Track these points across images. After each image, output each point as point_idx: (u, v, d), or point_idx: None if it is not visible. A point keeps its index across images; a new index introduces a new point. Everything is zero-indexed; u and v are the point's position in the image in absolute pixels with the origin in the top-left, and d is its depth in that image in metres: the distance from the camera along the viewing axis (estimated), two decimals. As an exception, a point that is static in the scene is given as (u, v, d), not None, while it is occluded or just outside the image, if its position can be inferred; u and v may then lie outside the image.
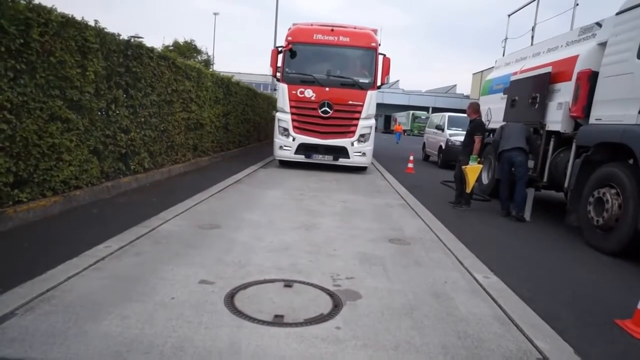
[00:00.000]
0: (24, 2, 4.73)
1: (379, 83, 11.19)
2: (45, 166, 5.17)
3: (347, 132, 11.02)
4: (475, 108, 7.93)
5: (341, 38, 11.01)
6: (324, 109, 10.83)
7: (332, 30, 11.08)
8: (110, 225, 4.92)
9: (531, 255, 5.25)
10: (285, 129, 11.03)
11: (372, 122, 11.24)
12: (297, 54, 11.05)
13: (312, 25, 11.65)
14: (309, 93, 10.87)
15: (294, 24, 12.02)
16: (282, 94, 11.06)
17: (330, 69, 11.20)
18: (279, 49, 11.09)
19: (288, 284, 3.62)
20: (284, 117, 11.07)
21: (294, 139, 11.00)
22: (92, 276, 3.52)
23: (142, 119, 7.59)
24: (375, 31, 11.90)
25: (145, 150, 7.78)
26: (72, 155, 5.63)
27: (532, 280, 4.29)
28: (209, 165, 10.84)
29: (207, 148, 11.23)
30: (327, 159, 11.07)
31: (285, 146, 11.08)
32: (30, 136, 4.87)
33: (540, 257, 5.23)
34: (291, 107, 10.97)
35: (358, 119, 10.98)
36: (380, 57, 11.02)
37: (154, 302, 3.12)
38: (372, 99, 11.00)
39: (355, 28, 11.63)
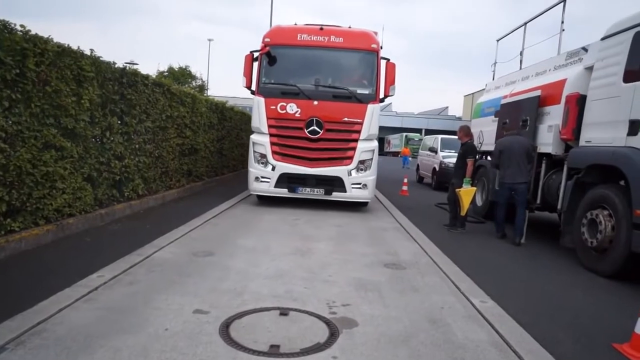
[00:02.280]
0: (21, 33, 4.79)
1: (381, 95, 8.86)
2: (38, 194, 5.15)
3: (343, 158, 8.63)
4: (466, 131, 8.03)
5: (333, 39, 8.73)
6: (312, 128, 8.51)
7: (321, 29, 8.79)
8: (103, 253, 4.87)
9: (527, 278, 5.25)
10: (263, 155, 8.64)
11: (375, 144, 8.83)
12: (277, 59, 8.73)
13: (295, 25, 9.40)
14: (292, 108, 8.56)
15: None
16: (258, 110, 8.66)
17: (319, 78, 8.84)
18: (254, 54, 8.81)
19: (284, 312, 3.59)
20: (260, 140, 8.68)
21: (273, 168, 8.60)
22: (84, 307, 3.47)
23: (137, 146, 7.61)
24: (375, 33, 9.51)
25: (140, 177, 7.77)
26: (66, 183, 5.62)
27: (529, 304, 4.28)
28: (203, 190, 10.81)
29: (202, 173, 11.23)
30: (317, 193, 8.62)
31: (262, 177, 8.65)
32: (24, 165, 4.87)
33: (536, 279, 5.23)
34: (270, 126, 8.62)
35: (356, 140, 8.62)
36: (383, 63, 8.80)
37: (147, 333, 3.07)
38: (373, 114, 8.64)
39: (350, 28, 9.44)
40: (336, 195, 8.69)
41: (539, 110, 7.45)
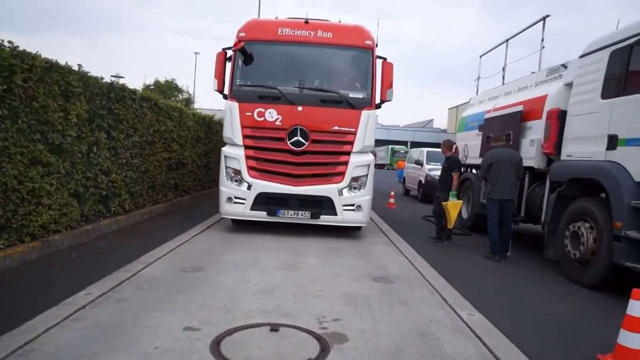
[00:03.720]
0: (9, 50, 4.78)
1: (377, 99, 7.53)
2: (24, 211, 5.09)
3: (332, 175, 7.29)
4: (449, 145, 8.18)
5: (320, 34, 7.40)
6: (295, 139, 7.15)
7: (307, 22, 7.49)
8: (90, 270, 4.82)
9: (513, 290, 5.34)
10: (237, 172, 7.24)
11: (370, 158, 7.52)
12: (255, 57, 7.42)
13: (276, 18, 8.06)
14: (272, 115, 7.19)
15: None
16: (230, 118, 7.30)
17: (304, 79, 7.49)
18: (227, 52, 7.50)
19: (274, 327, 3.59)
20: (233, 153, 7.27)
21: (249, 187, 7.20)
22: (72, 326, 3.43)
23: (124, 160, 7.58)
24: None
25: (126, 192, 7.72)
26: (52, 199, 5.56)
27: (515, 316, 4.35)
28: (190, 204, 10.75)
29: (189, 187, 11.18)
30: (302, 217, 7.24)
31: (236, 198, 7.24)
32: (10, 181, 4.82)
33: (522, 292, 5.32)
34: (245, 137, 7.25)
35: (349, 153, 7.30)
36: (379, 63, 7.55)
37: (137, 352, 3.05)
38: (369, 122, 7.34)
39: (340, 22, 8.16)
40: (325, 219, 7.31)
41: (521, 125, 7.64)
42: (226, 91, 7.49)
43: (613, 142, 5.32)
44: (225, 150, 7.42)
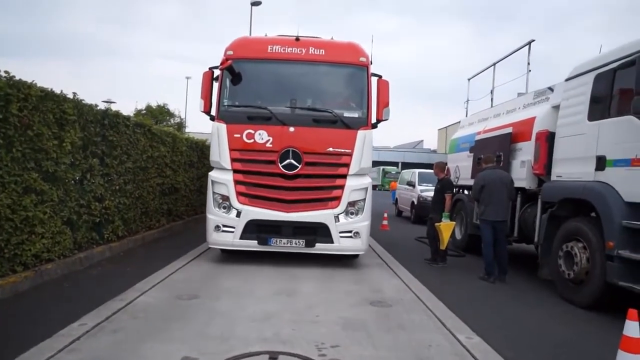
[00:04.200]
0: (5, 79, 4.82)
1: (374, 119, 7.21)
2: (17, 240, 5.04)
3: (328, 200, 6.88)
4: (442, 167, 8.31)
5: (313, 51, 7.12)
6: (287, 161, 6.77)
7: (298, 40, 7.17)
8: (84, 300, 4.75)
9: (509, 311, 5.35)
10: (225, 198, 6.82)
11: (368, 181, 7.13)
12: (243, 76, 7.09)
13: (266, 36, 7.76)
14: (262, 136, 6.81)
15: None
16: (218, 140, 6.91)
17: (295, 99, 7.16)
18: (215, 71, 7.17)
19: (273, 356, 3.56)
20: (221, 178, 6.86)
21: (238, 214, 6.74)
22: (67, 359, 3.37)
23: (117, 187, 7.55)
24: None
25: (120, 218, 7.67)
26: (45, 227, 5.52)
27: (513, 338, 4.36)
28: (183, 229, 10.68)
29: (182, 212, 11.13)
30: (296, 245, 6.76)
31: (224, 226, 6.78)
32: (4, 210, 4.79)
33: (518, 313, 5.33)
34: (233, 160, 6.84)
35: (345, 176, 6.90)
36: (374, 80, 7.24)
37: (135, 384, 3.00)
38: (365, 143, 6.98)
39: (332, 39, 7.79)
40: (320, 248, 6.84)
41: (511, 146, 7.77)
42: (213, 112, 7.09)
43: (601, 163, 5.43)
44: (213, 175, 6.98)
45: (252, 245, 6.80)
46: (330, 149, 6.92)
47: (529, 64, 8.52)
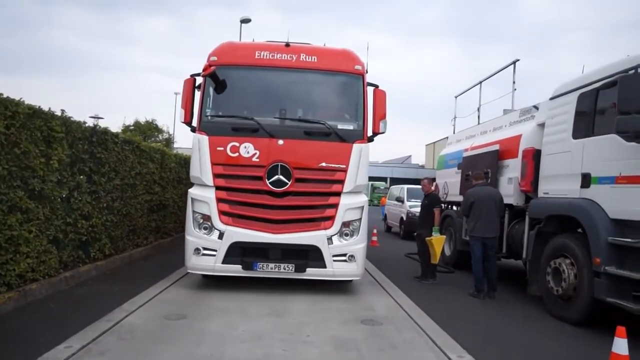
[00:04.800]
0: (-9, 97, 4.77)
1: (370, 132, 6.65)
2: (1, 260, 4.94)
3: (320, 220, 6.34)
4: (430, 182, 8.39)
5: (304, 57, 6.59)
6: (275, 177, 6.19)
7: (288, 45, 6.67)
8: (70, 321, 4.65)
9: (499, 328, 5.36)
10: (206, 217, 6.21)
11: (364, 199, 6.57)
12: (228, 84, 6.52)
13: (253, 41, 7.34)
14: (248, 150, 6.25)
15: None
16: (199, 153, 6.31)
17: (284, 109, 6.63)
18: (197, 78, 6.60)
19: (264, 378, 3.50)
20: (202, 196, 6.26)
21: (221, 235, 6.14)
22: (52, 383, 3.28)
23: (105, 204, 7.46)
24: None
25: (107, 236, 7.56)
26: (31, 246, 5.41)
27: (504, 356, 4.39)
28: (171, 247, 10.54)
29: (170, 229, 11.02)
30: (285, 271, 6.17)
31: (205, 249, 6.16)
32: (-12, 230, 4.69)
33: (507, 329, 5.35)
34: (216, 176, 6.25)
35: (339, 194, 6.36)
36: (370, 90, 6.74)
37: (122, 409, 2.93)
38: (361, 157, 6.44)
39: (324, 45, 7.33)
40: (312, 273, 6.25)
41: (498, 163, 7.89)
42: (195, 123, 6.48)
43: (586, 180, 5.54)
44: (193, 192, 6.35)
45: (235, 270, 6.17)
46: (323, 164, 6.35)
47: (514, 82, 8.71)
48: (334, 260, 6.25)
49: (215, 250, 6.14)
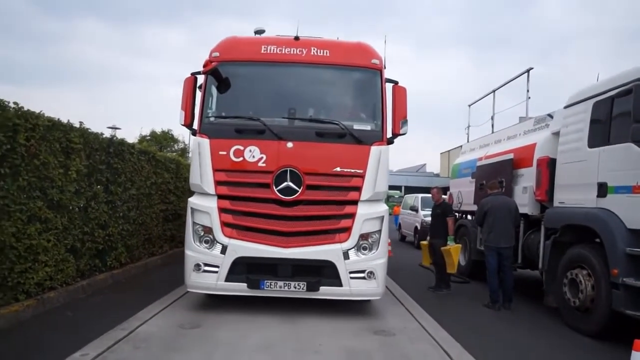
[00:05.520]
0: (13, 110, 4.93)
1: (389, 133, 6.03)
2: (20, 269, 5.06)
3: (335, 232, 5.68)
4: (440, 191, 8.34)
5: (315, 51, 5.99)
6: (285, 185, 5.58)
7: (297, 39, 6.06)
8: (86, 329, 4.73)
9: (514, 341, 5.28)
10: (207, 229, 5.64)
11: (384, 209, 5.89)
12: (231, 81, 5.96)
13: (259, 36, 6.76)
14: (253, 154, 5.65)
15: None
16: (199, 159, 5.74)
17: (294, 108, 5.98)
18: (198, 77, 6.05)
19: (275, 388, 3.50)
20: (202, 206, 5.69)
21: (224, 250, 5.55)
22: (68, 391, 3.34)
23: (121, 214, 7.60)
24: None
25: (123, 245, 7.69)
26: (49, 255, 5.54)
27: (519, 369, 4.29)
28: (186, 255, 10.64)
29: (185, 238, 11.10)
30: (295, 289, 5.52)
31: (207, 265, 5.57)
32: (8, 239, 4.83)
33: (523, 341, 5.26)
34: (218, 183, 5.67)
35: (355, 202, 5.73)
36: (389, 87, 6.11)
37: (136, 418, 2.97)
38: (380, 161, 5.81)
39: (337, 39, 6.63)
40: (326, 292, 5.57)
41: (513, 172, 7.81)
42: (195, 126, 5.91)
43: (603, 189, 5.45)
44: (193, 201, 5.78)
45: (240, 289, 5.54)
46: (338, 169, 5.69)
47: (528, 90, 8.65)
48: (351, 278, 5.57)
49: (218, 267, 5.52)
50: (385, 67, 6.23)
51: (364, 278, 5.61)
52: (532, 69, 8.62)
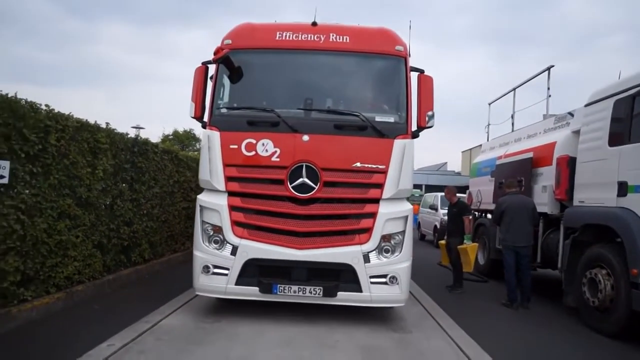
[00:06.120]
0: (45, 112, 5.17)
1: (414, 126, 5.62)
2: (51, 263, 5.31)
3: (354, 232, 5.31)
4: (454, 191, 8.31)
5: (334, 38, 5.62)
6: (300, 181, 5.23)
7: (315, 25, 5.68)
8: (112, 321, 4.94)
9: (532, 340, 5.27)
10: (217, 229, 5.33)
11: (408, 208, 5.52)
12: (244, 70, 5.60)
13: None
14: (266, 148, 5.31)
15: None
16: (209, 153, 5.41)
17: (311, 98, 5.54)
18: (209, 66, 5.68)
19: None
20: (212, 203, 5.37)
21: (234, 250, 5.22)
22: (96, 378, 3.53)
23: (145, 211, 7.84)
24: None
25: (147, 241, 7.94)
26: (77, 250, 5.79)
27: (535, 368, 4.31)
28: (207, 252, 10.88)
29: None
30: (311, 295, 5.13)
31: (216, 267, 5.26)
32: (40, 234, 5.07)
33: (541, 341, 5.25)
34: (228, 179, 5.35)
35: (377, 201, 5.34)
36: (414, 76, 5.70)
37: (159, 405, 3.12)
38: (404, 156, 5.39)
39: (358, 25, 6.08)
40: (344, 298, 5.20)
41: (532, 171, 7.75)
42: (206, 118, 5.60)
43: (623, 188, 5.39)
44: (202, 198, 5.45)
45: (251, 293, 5.20)
46: (358, 165, 5.29)
47: (549, 88, 8.56)
48: (372, 283, 5.18)
49: (228, 269, 5.19)
50: (409, 55, 5.80)
51: (385, 283, 5.22)
52: (552, 66, 8.52)
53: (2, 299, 4.62)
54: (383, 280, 5.20)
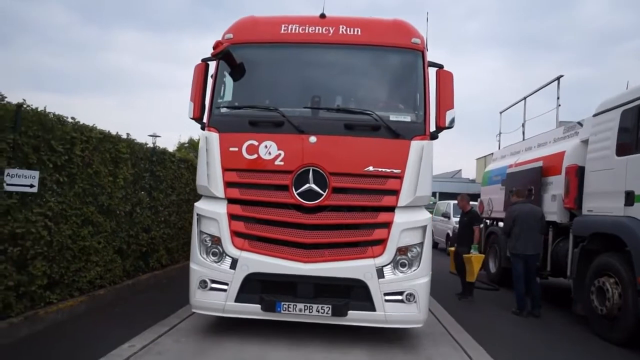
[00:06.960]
0: (71, 124, 5.47)
1: (433, 126, 5.07)
2: (75, 267, 5.59)
3: (367, 244, 4.77)
4: (468, 199, 8.41)
5: (344, 30, 5.11)
6: (306, 187, 4.72)
7: (323, 17, 5.19)
8: (132, 323, 5.18)
9: (540, 347, 5.35)
10: (215, 239, 4.86)
11: (427, 217, 4.95)
12: (246, 66, 5.12)
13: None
14: (270, 150, 4.82)
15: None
16: (207, 156, 4.95)
17: (318, 96, 5.08)
18: (209, 63, 5.21)
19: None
20: (210, 211, 4.91)
21: (234, 264, 4.73)
22: (119, 376, 3.74)
23: (162, 218, 8.12)
24: None
25: (164, 248, 8.21)
26: (99, 256, 6.07)
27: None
28: (222, 258, 11.12)
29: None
30: (319, 314, 4.61)
31: (214, 282, 4.77)
32: (65, 240, 5.36)
33: (549, 349, 5.33)
34: (228, 185, 4.87)
35: (392, 209, 4.80)
36: (433, 72, 5.14)
37: (178, 401, 3.32)
38: (422, 159, 4.84)
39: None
40: (355, 317, 4.66)
41: (542, 180, 7.82)
42: (205, 118, 5.12)
43: (630, 198, 5.46)
44: (199, 206, 5.01)
45: (252, 311, 4.69)
46: (370, 169, 4.75)
47: (558, 98, 8.64)
48: (387, 301, 4.63)
49: (227, 284, 4.70)
50: (427, 49, 5.29)
51: (402, 301, 4.65)
52: (562, 76, 8.62)
53: (30, 301, 4.89)
54: (399, 297, 4.65)
